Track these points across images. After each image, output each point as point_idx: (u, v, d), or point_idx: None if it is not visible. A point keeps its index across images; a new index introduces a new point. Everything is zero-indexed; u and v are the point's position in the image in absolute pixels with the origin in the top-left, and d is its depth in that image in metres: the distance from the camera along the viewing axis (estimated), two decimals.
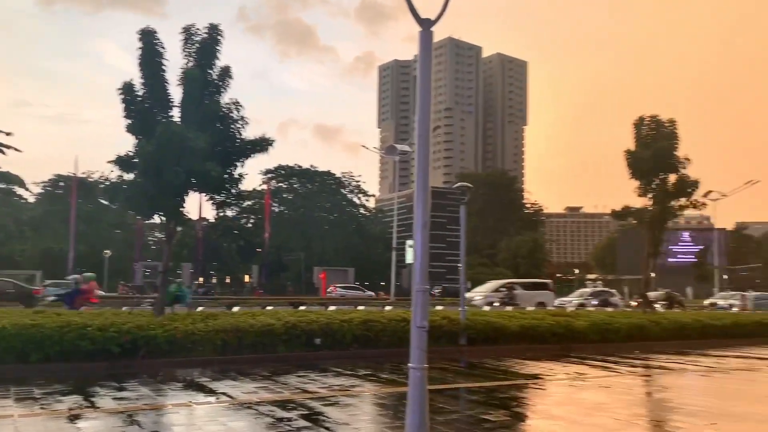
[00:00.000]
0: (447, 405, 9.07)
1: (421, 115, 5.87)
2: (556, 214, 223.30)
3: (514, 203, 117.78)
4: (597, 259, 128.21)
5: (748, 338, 20.78)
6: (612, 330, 18.05)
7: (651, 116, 23.94)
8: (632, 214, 25.08)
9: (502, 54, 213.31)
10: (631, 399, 10.07)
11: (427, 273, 5.71)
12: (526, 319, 17.71)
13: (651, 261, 24.36)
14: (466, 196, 17.51)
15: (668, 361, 15.53)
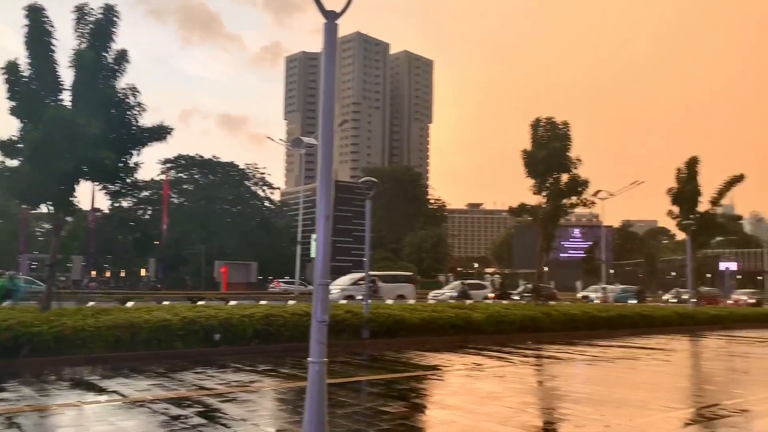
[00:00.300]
0: (348, 398, 9.12)
1: (325, 108, 5.85)
2: (458, 210, 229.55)
3: (419, 199, 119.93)
4: (495, 253, 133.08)
5: (631, 329, 22.30)
6: (507, 321, 18.82)
7: (546, 118, 25.08)
8: (528, 211, 26.18)
9: (410, 52, 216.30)
10: (522, 388, 10.54)
11: (329, 267, 5.69)
12: (427, 311, 18.12)
13: (544, 255, 25.55)
14: (371, 191, 17.65)
15: (558, 351, 16.37)
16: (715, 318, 26.96)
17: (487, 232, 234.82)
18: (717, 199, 33.46)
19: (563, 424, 7.93)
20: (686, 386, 11.70)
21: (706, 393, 10.78)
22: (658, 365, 14.25)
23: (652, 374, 12.83)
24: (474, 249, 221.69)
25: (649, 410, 8.66)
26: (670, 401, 9.61)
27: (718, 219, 36.50)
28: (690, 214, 32.10)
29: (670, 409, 8.79)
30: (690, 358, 16.68)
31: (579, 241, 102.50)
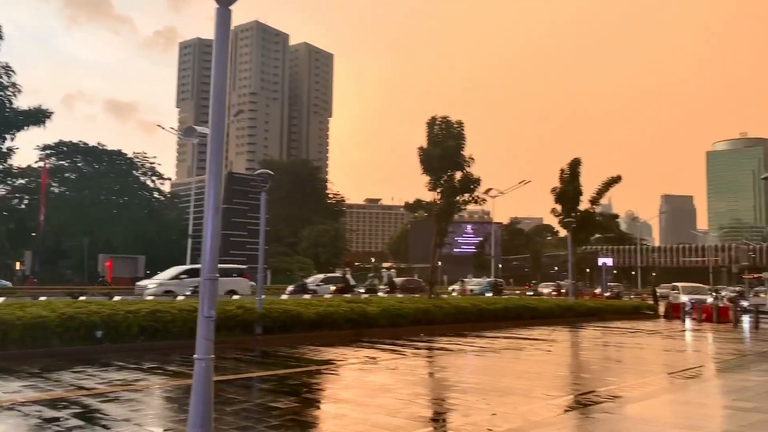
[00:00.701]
0: (237, 395, 8.92)
1: (216, 97, 5.65)
2: (357, 204, 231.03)
3: (317, 193, 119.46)
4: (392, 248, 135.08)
5: (516, 320, 23.34)
6: (401, 315, 19.13)
7: (442, 117, 25.70)
8: (423, 207, 26.77)
9: (310, 44, 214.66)
10: (414, 379, 10.75)
11: (218, 261, 5.51)
12: (323, 306, 18.07)
13: (438, 250, 26.21)
14: (267, 184, 17.34)
15: (449, 343, 16.86)
16: (593, 310, 28.76)
17: (384, 227, 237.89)
18: (596, 199, 35.68)
19: (451, 413, 8.17)
20: (565, 375, 12.39)
21: (583, 381, 11.47)
22: (540, 355, 15.01)
23: (535, 364, 13.50)
24: (372, 244, 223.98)
25: (532, 398, 9.10)
26: (551, 389, 10.14)
27: (596, 217, 38.96)
28: (571, 212, 34.04)
29: (550, 396, 9.26)
30: (569, 348, 17.67)
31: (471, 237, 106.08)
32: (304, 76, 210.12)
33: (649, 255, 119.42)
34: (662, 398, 9.16)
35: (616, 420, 7.44)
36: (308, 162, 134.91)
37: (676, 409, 8.40)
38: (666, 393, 9.68)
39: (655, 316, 31.86)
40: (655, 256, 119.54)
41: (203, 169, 33.30)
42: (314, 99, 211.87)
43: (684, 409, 8.37)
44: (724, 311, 28.27)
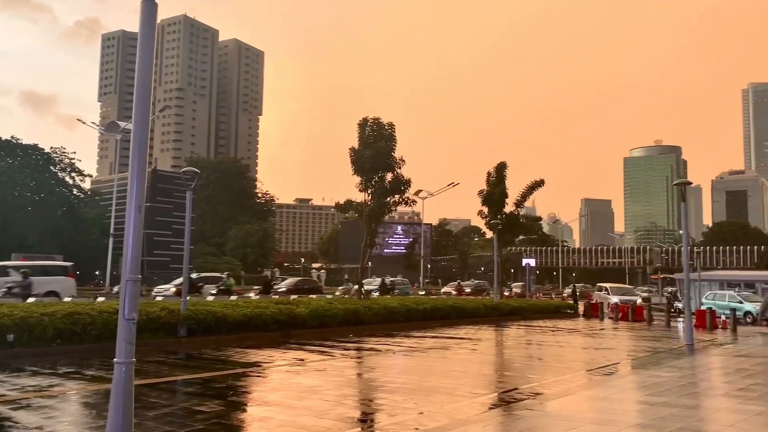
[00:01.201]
0: (160, 399, 8.66)
1: (139, 92, 5.47)
2: (287, 204, 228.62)
3: (246, 192, 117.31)
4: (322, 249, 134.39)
5: (444, 320, 23.72)
6: (330, 316, 19.07)
7: (374, 118, 25.80)
8: (354, 207, 26.80)
9: (240, 41, 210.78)
10: (342, 380, 10.74)
11: (140, 261, 5.34)
12: (250, 308, 17.78)
13: (368, 251, 26.29)
14: (193, 182, 16.93)
15: (377, 343, 16.94)
16: (516, 309, 29.57)
17: (315, 228, 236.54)
18: (521, 202, 36.73)
19: (379, 413, 8.22)
20: (490, 373, 12.69)
21: (507, 379, 11.79)
22: (466, 354, 15.31)
23: (461, 363, 13.76)
24: (302, 244, 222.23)
25: (458, 396, 9.27)
26: (476, 387, 10.36)
27: (521, 219, 40.09)
28: (497, 214, 34.89)
29: (475, 395, 9.47)
30: (494, 346, 18.11)
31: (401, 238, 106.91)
32: (233, 72, 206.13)
33: (569, 256, 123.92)
34: (581, 394, 9.52)
35: (537, 416, 7.68)
36: (237, 160, 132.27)
37: (594, 404, 8.76)
38: (584, 389, 10.07)
39: (575, 315, 33.09)
40: (575, 257, 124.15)
41: (126, 165, 32.12)
42: (243, 96, 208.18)
43: (601, 404, 8.73)
44: (639, 310, 29.67)
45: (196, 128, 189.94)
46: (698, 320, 25.26)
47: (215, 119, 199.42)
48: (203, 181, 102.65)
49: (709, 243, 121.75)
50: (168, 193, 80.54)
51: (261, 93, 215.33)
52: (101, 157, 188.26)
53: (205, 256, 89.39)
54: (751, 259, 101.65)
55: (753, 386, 10.30)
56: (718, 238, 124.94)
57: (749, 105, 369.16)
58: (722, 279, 40.30)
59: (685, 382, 10.77)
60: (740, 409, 8.30)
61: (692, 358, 14.68)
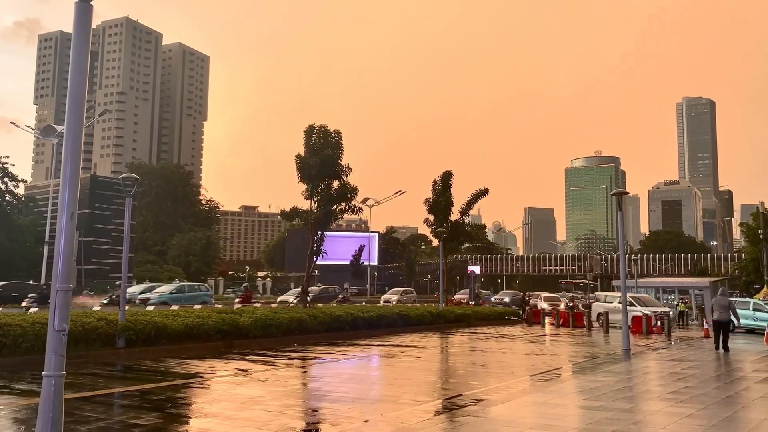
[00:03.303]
0: (94, 413, 8.35)
1: (73, 95, 5.30)
2: (232, 212, 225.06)
3: (189, 199, 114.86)
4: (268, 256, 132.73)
5: (390, 328, 23.76)
6: (274, 325, 18.84)
7: (320, 126, 25.68)
8: (299, 215, 26.58)
9: (184, 45, 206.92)
10: (285, 390, 10.61)
11: (73, 270, 5.16)
12: (191, 318, 17.39)
13: (313, 259, 26.11)
14: (133, 188, 16.47)
15: (322, 352, 16.83)
16: (461, 316, 29.93)
17: (261, 235, 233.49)
18: (466, 210, 37.28)
19: (322, 423, 8.16)
20: (434, 380, 12.77)
21: (451, 385, 11.88)
22: (411, 361, 15.37)
23: (406, 370, 13.80)
24: (248, 252, 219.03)
25: (400, 404, 9.29)
26: (420, 395, 10.41)
27: (466, 227, 40.66)
28: (443, 222, 35.29)
29: (419, 402, 9.51)
30: (439, 353, 18.25)
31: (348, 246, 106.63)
32: (177, 77, 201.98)
33: (513, 263, 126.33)
34: (522, 400, 9.68)
35: (479, 423, 7.77)
36: (180, 166, 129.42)
37: (534, 409, 8.92)
38: (525, 395, 10.25)
39: (518, 321, 33.70)
40: (519, 264, 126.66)
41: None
42: (188, 101, 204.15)
43: (541, 409, 8.91)
44: (578, 316, 30.46)
45: (138, 133, 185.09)
46: (635, 326, 26.13)
47: (158, 124, 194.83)
48: (145, 187, 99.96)
49: (646, 251, 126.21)
50: (107, 199, 78.15)
51: (206, 98, 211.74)
52: (37, 162, 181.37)
53: (147, 264, 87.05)
54: (685, 266, 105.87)
55: (684, 389, 10.70)
56: (655, 246, 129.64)
57: (683, 118, 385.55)
58: (658, 286, 41.83)
59: (620, 386, 11.10)
60: (672, 411, 8.61)
61: (628, 363, 15.14)
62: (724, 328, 18.68)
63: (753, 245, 62.77)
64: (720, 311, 18.76)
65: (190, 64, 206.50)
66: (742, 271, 70.24)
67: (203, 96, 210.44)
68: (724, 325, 18.69)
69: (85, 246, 76.77)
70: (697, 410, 8.65)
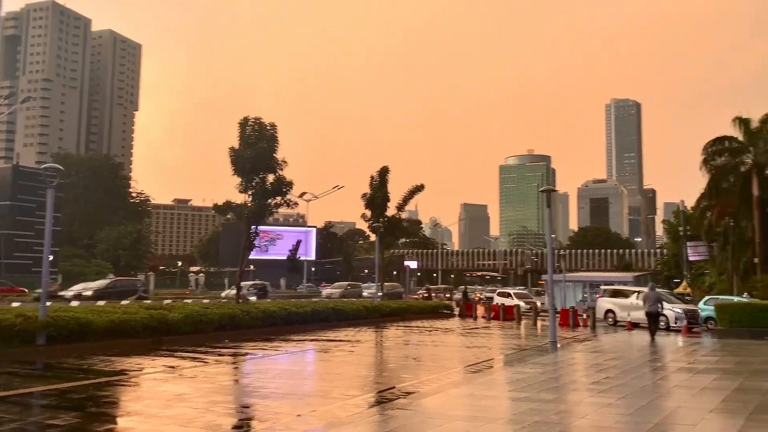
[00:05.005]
0: (8, 413, 7.96)
1: None
2: (164, 205, 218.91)
3: (119, 191, 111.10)
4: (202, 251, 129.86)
5: (324, 323, 23.67)
6: (205, 321, 18.45)
7: (255, 118, 25.22)
8: (233, 209, 26.07)
9: (115, 32, 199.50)
10: (213, 387, 10.41)
11: None
12: (117, 313, 16.81)
13: (247, 254, 25.72)
14: (56, 179, 15.78)
15: (254, 348, 16.62)
16: (396, 310, 30.15)
17: (194, 230, 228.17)
18: (402, 205, 37.54)
19: (249, 419, 8.05)
20: (366, 374, 12.82)
21: (383, 379, 11.97)
22: (344, 356, 15.39)
23: (339, 365, 13.80)
24: (180, 247, 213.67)
25: (331, 399, 9.29)
26: (352, 389, 10.42)
27: (403, 223, 40.94)
28: (380, 217, 35.42)
29: (351, 396, 9.52)
30: (373, 348, 18.33)
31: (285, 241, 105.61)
32: (107, 65, 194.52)
33: (448, 258, 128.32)
34: (451, 392, 9.85)
35: (409, 415, 7.85)
36: (110, 157, 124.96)
37: (463, 401, 9.09)
38: (454, 387, 10.42)
39: (452, 315, 34.25)
40: (454, 259, 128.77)
41: None
42: (119, 90, 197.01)
43: (469, 401, 9.08)
44: (509, 310, 31.23)
45: (65, 122, 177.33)
46: (562, 318, 27.01)
47: (87, 113, 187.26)
48: (72, 178, 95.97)
49: (575, 246, 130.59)
50: (31, 191, 74.57)
51: (138, 87, 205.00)
52: None
53: (74, 258, 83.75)
54: (611, 261, 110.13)
55: (605, 380, 11.13)
56: (583, 241, 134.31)
57: (611, 119, 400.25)
58: (585, 280, 43.36)
59: (546, 378, 11.44)
60: (593, 401, 8.94)
61: (554, 355, 15.63)
62: (655, 318, 20.75)
63: (674, 242, 66.03)
64: (650, 304, 20.85)
65: (122, 52, 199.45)
66: (663, 266, 73.79)
67: (135, 85, 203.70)
68: (655, 316, 20.79)
69: (7, 239, 73.17)
70: (616, 400, 9.02)
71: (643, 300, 21.99)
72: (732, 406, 8.73)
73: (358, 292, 48.61)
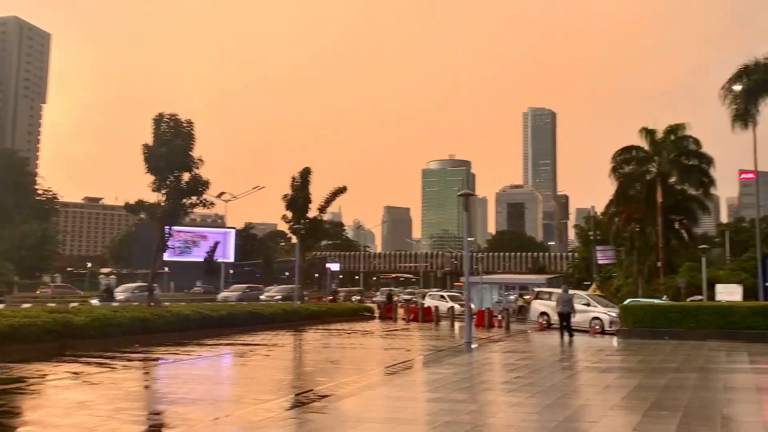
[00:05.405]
0: None
1: None
2: (73, 203, 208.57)
3: (24, 188, 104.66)
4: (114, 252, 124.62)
5: (242, 326, 23.12)
6: (114, 325, 17.65)
7: (170, 114, 24.38)
8: (146, 208, 25.12)
9: (21, 19, 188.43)
10: (119, 393, 9.97)
11: None
12: (17, 317, 15.84)
13: (161, 255, 24.86)
14: None
15: (166, 353, 16.07)
16: (316, 313, 29.96)
17: (106, 229, 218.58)
18: (324, 207, 37.34)
19: (155, 427, 7.76)
20: (282, 378, 12.65)
21: (297, 383, 11.84)
22: (258, 360, 15.13)
23: (253, 369, 13.55)
24: (91, 247, 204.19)
25: (244, 404, 9.09)
26: (265, 393, 10.24)
27: (325, 225, 40.73)
28: (301, 219, 35.11)
29: (262, 401, 9.34)
30: (291, 351, 18.14)
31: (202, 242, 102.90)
32: (12, 54, 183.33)
33: (371, 260, 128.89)
34: (366, 394, 9.85)
35: (324, 418, 7.79)
36: (14, 151, 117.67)
37: (378, 403, 9.12)
38: (371, 389, 10.44)
39: (372, 317, 34.39)
40: (376, 261, 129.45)
41: None
42: (25, 81, 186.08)
43: (384, 403, 9.13)
44: (428, 311, 31.69)
45: None
46: (478, 319, 27.65)
47: None
48: None
49: (492, 249, 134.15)
50: None
51: (46, 79, 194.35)
52: None
53: None
54: (525, 263, 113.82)
55: (515, 379, 11.46)
56: (500, 245, 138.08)
57: (528, 127, 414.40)
58: (500, 282, 44.62)
59: (459, 378, 11.66)
60: (503, 401, 9.18)
61: (469, 355, 15.97)
62: (567, 318, 21.62)
63: (584, 246, 69.02)
64: (563, 305, 21.88)
65: (29, 41, 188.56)
66: (575, 269, 76.96)
67: (43, 76, 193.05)
68: (566, 316, 21.67)
69: None
70: (525, 398, 9.29)
71: (557, 301, 22.89)
72: (631, 402, 9.18)
73: (256, 295, 47.21)
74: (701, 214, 44.87)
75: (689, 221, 45.23)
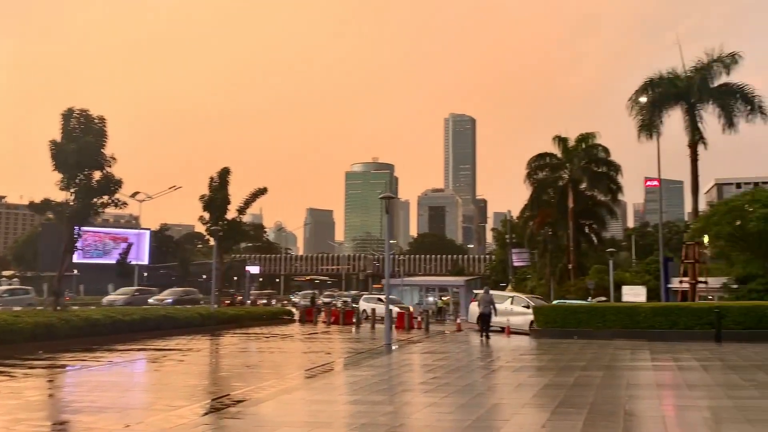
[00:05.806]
0: None
1: None
2: None
3: None
4: (17, 253, 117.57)
5: (155, 331, 22.29)
6: (15, 330, 16.62)
7: (81, 110, 23.28)
8: (52, 207, 23.86)
9: None
10: (18, 403, 9.37)
11: None
12: None
13: (69, 257, 23.67)
14: None
15: (72, 359, 15.30)
16: (234, 317, 29.35)
17: (9, 230, 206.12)
18: (243, 208, 36.67)
19: None
20: (197, 383, 12.30)
21: (213, 388, 11.55)
22: (172, 365, 14.66)
23: (166, 375, 13.12)
24: None
25: (155, 411, 8.77)
26: (178, 399, 9.91)
27: (244, 226, 39.98)
28: (219, 220, 34.34)
29: (175, 407, 9.03)
30: (207, 356, 17.67)
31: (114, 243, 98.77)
32: None
33: (292, 263, 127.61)
34: (283, 398, 9.73)
35: (239, 423, 7.63)
36: None
37: (296, 407, 9.03)
38: (288, 393, 10.31)
39: (292, 320, 34.03)
40: (298, 264, 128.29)
41: None
42: None
43: (301, 406, 9.05)
44: (349, 314, 31.71)
45: None
46: (399, 321, 27.92)
47: None
48: None
49: (414, 251, 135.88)
50: None
51: None
52: None
53: None
54: (445, 266, 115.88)
55: (432, 380, 11.64)
56: (421, 247, 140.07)
57: (449, 132, 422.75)
58: (421, 284, 45.25)
59: (378, 380, 11.72)
60: (419, 401, 9.30)
61: (388, 357, 16.09)
62: (487, 319, 22.45)
63: (501, 248, 71.06)
64: (484, 306, 22.77)
65: None
66: (492, 271, 79.08)
67: None
68: (487, 317, 22.51)
69: None
70: (441, 398, 9.45)
71: (478, 302, 23.53)
72: (542, 400, 9.51)
73: (145, 299, 45.23)
74: (609, 219, 47.26)
75: (598, 225, 47.50)
